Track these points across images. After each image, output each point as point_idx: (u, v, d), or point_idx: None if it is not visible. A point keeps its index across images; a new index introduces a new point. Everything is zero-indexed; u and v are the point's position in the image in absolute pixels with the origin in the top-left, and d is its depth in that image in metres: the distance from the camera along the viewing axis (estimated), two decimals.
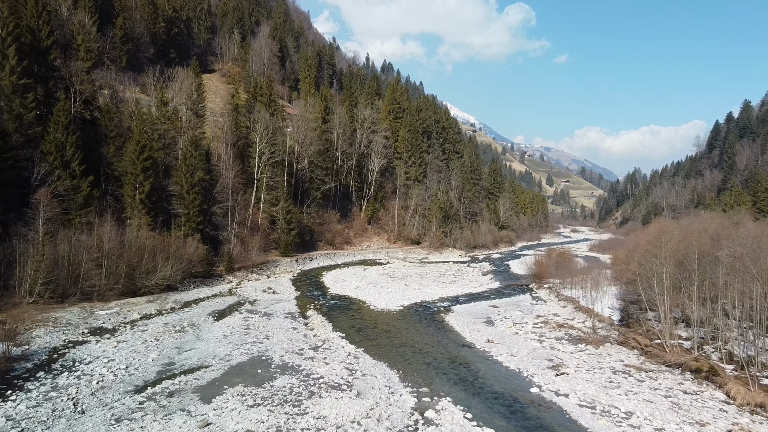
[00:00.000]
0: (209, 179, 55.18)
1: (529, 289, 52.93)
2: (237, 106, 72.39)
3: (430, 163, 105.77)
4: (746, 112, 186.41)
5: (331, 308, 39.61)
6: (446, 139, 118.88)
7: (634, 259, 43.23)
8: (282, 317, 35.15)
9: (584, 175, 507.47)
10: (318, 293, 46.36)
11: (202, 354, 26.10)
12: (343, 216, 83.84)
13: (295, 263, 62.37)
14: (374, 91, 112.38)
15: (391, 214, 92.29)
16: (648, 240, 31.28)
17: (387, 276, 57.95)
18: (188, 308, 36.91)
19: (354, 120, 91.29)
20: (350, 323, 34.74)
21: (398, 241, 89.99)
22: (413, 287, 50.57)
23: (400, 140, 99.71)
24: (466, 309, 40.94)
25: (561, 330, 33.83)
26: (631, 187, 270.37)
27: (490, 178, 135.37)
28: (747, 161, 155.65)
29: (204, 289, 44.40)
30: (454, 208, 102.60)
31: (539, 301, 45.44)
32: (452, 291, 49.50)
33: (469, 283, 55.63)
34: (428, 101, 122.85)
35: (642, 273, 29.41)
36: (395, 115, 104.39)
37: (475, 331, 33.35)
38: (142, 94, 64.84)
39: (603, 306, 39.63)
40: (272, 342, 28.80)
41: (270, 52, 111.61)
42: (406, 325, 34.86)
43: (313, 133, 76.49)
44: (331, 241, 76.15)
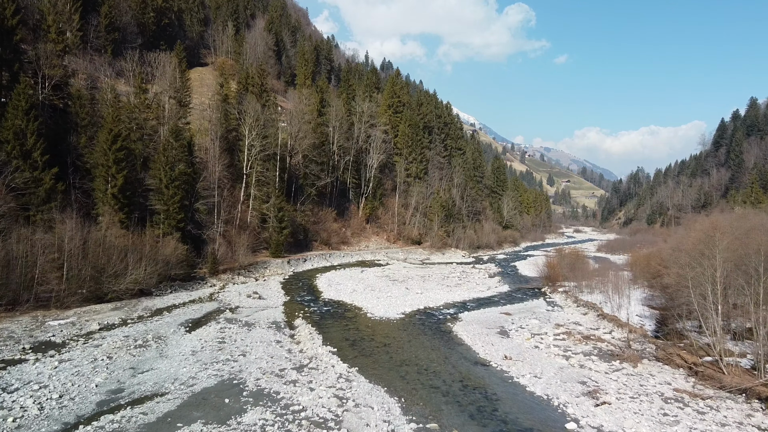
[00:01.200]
0: (192, 173, 50.48)
1: (542, 293, 48.27)
2: (226, 97, 67.76)
3: (432, 160, 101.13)
4: (753, 109, 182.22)
5: (322, 316, 34.91)
6: (448, 135, 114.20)
7: (660, 261, 38.67)
8: (265, 328, 30.44)
9: (585, 175, 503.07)
10: (309, 298, 41.66)
11: (161, 376, 21.41)
12: (339, 214, 79.14)
13: (286, 264, 57.65)
14: (373, 84, 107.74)
15: (391, 213, 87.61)
16: (696, 238, 26.63)
17: (386, 278, 53.26)
18: (159, 317, 32.20)
19: (351, 113, 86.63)
20: (343, 335, 30.04)
21: (398, 241, 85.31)
22: (415, 291, 45.89)
23: (400, 135, 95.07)
24: (476, 317, 36.24)
25: (588, 343, 29.15)
26: (634, 187, 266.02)
27: (493, 175, 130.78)
28: (756, 159, 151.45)
29: (182, 294, 39.68)
30: (457, 206, 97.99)
31: (556, 308, 40.75)
32: (458, 295, 44.82)
33: (476, 286, 50.93)
34: (429, 96, 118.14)
35: (686, 276, 24.72)
36: (395, 109, 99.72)
37: (489, 344, 28.66)
38: (121, 79, 60.12)
39: (630, 313, 34.91)
40: (249, 360, 24.09)
41: (265, 45, 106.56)
42: (409, 336, 30.16)
43: (307, 126, 71.78)
44: (326, 241, 71.47)
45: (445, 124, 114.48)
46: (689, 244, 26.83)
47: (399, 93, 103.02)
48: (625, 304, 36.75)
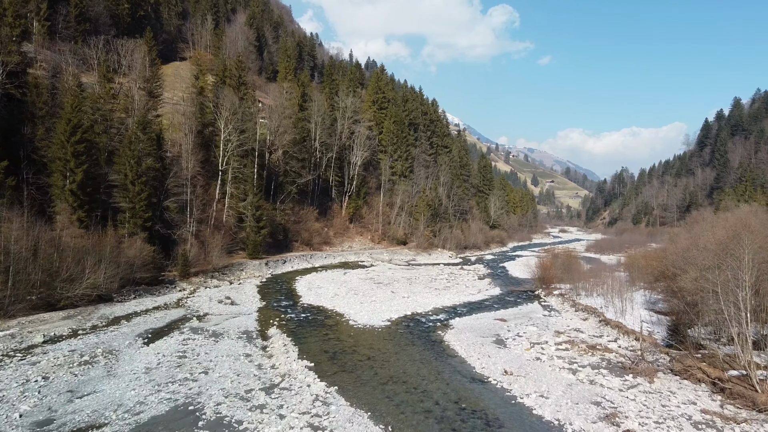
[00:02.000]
0: (161, 168, 46.88)
1: (537, 296, 45.48)
2: (202, 90, 64.07)
3: (417, 158, 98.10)
4: (737, 109, 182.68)
5: (300, 324, 31.62)
6: (434, 133, 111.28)
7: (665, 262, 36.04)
8: (234, 338, 27.10)
9: (569, 176, 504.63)
10: (287, 304, 38.33)
11: (103, 402, 18.04)
12: (321, 213, 75.80)
13: (264, 266, 54.20)
14: (357, 80, 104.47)
15: (375, 212, 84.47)
16: (720, 237, 23.88)
17: (370, 281, 50.08)
18: (115, 326, 28.70)
19: (335, 109, 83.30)
20: (322, 346, 26.80)
21: (383, 241, 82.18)
22: (401, 295, 42.78)
23: (384, 132, 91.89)
24: (468, 323, 33.22)
25: (594, 354, 26.27)
26: (618, 187, 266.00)
27: (480, 174, 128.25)
28: (741, 159, 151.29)
29: (146, 300, 36.14)
30: (443, 205, 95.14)
31: (553, 312, 37.90)
32: (447, 299, 41.80)
33: (466, 289, 47.98)
34: (414, 92, 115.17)
35: (713, 280, 21.91)
36: (379, 105, 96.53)
37: (485, 355, 25.63)
38: (89, 71, 56.13)
39: (634, 319, 32.26)
40: (211, 378, 20.79)
41: (246, 40, 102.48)
42: (395, 348, 27.01)
43: (288, 121, 68.34)
44: (307, 241, 68.09)
45: (431, 122, 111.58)
46: (713, 244, 24.06)
47: (384, 89, 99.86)
48: (629, 308, 34.14)
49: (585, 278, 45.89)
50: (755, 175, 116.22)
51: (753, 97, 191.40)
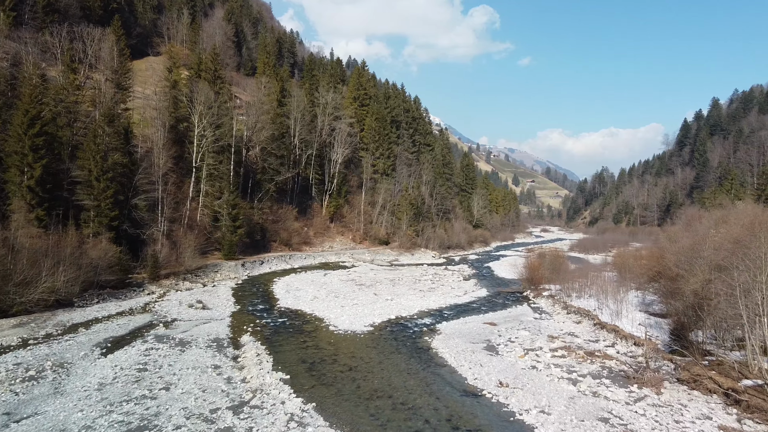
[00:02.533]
0: (129, 164, 44.12)
1: (525, 297, 43.73)
2: (175, 83, 61.24)
3: (400, 156, 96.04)
4: (715, 109, 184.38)
5: (276, 331, 29.30)
6: (416, 130, 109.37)
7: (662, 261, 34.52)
8: (203, 348, 24.71)
9: (549, 175, 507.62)
10: (263, 307, 35.95)
11: (44, 426, 15.61)
12: (301, 212, 73.36)
13: (240, 268, 51.66)
14: (338, 76, 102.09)
15: (357, 211, 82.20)
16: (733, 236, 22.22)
17: (352, 283, 47.87)
18: (72, 335, 26.09)
19: (315, 105, 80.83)
20: (300, 355, 24.54)
21: (365, 241, 79.99)
22: (384, 297, 40.66)
23: (366, 129, 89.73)
24: (456, 328, 31.23)
25: (593, 361, 24.43)
26: (599, 187, 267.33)
27: (463, 173, 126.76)
28: (720, 159, 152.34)
29: (110, 305, 33.48)
30: (426, 204, 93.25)
31: (544, 315, 36.11)
32: (433, 302, 39.79)
33: (451, 290, 46.05)
34: (396, 89, 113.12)
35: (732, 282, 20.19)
36: (361, 102, 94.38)
37: (477, 364, 23.62)
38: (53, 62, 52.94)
39: (630, 321, 30.59)
40: (172, 396, 18.44)
41: (224, 35, 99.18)
42: (379, 356, 24.87)
43: (266, 117, 65.82)
44: (286, 241, 65.61)
45: (413, 119, 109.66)
46: (729, 242, 22.38)
47: (365, 85, 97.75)
48: (623, 310, 32.49)
49: (574, 279, 44.34)
50: (734, 174, 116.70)
51: (731, 98, 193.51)
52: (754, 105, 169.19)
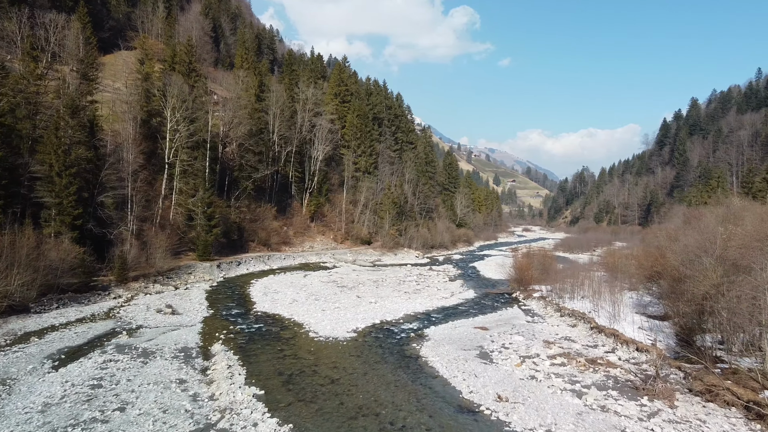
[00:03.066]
0: (95, 159, 41.31)
1: (515, 299, 41.94)
2: (148, 75, 58.31)
3: (382, 154, 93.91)
4: (694, 109, 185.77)
5: (251, 338, 26.94)
6: (398, 128, 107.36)
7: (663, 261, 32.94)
8: (168, 358, 22.31)
9: (530, 175, 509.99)
10: (238, 312, 33.54)
11: None
12: (280, 211, 70.83)
13: (215, 269, 49.05)
14: (318, 71, 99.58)
15: (338, 210, 79.89)
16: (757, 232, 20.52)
17: (333, 284, 45.61)
18: (22, 345, 23.45)
19: (294, 100, 78.32)
20: (276, 367, 22.26)
21: (346, 241, 77.72)
22: (368, 300, 38.50)
23: (347, 126, 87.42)
24: (446, 333, 29.19)
25: (596, 370, 22.57)
26: (580, 186, 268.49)
27: (445, 172, 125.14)
28: (700, 158, 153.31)
29: (70, 311, 30.80)
30: (409, 203, 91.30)
31: (536, 318, 34.29)
32: (419, 304, 37.73)
33: (437, 292, 44.07)
34: (378, 86, 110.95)
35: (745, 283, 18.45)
36: (342, 98, 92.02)
37: (471, 374, 21.61)
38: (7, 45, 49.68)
39: (628, 325, 28.88)
40: (127, 418, 16.07)
41: (201, 30, 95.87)
42: (364, 366, 22.70)
43: (243, 112, 63.17)
44: (265, 241, 63.05)
45: (395, 117, 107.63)
46: (753, 241, 20.66)
47: (346, 81, 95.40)
48: (620, 312, 30.78)
49: (564, 279, 42.66)
50: (720, 173, 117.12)
51: (709, 98, 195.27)
52: (733, 105, 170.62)
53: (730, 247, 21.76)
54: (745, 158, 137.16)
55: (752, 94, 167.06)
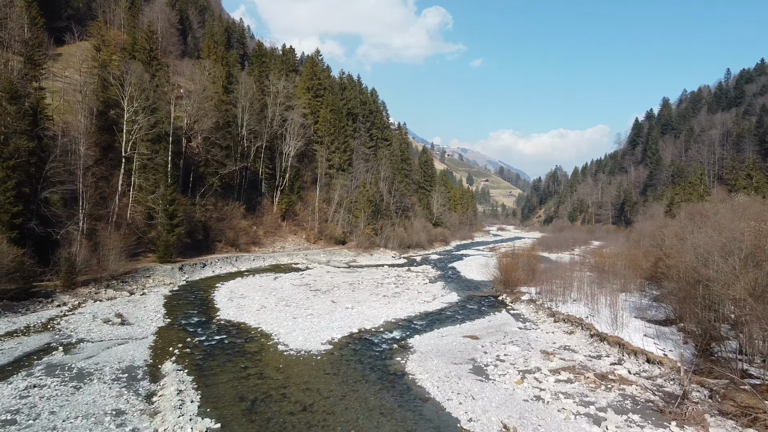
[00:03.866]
0: (38, 150, 37.05)
1: (502, 302, 39.12)
2: (105, 63, 53.92)
3: (356, 150, 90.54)
4: (666, 109, 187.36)
5: (210, 353, 23.39)
6: (373, 124, 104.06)
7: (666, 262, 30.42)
8: (108, 382, 18.69)
9: (502, 175, 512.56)
10: (198, 320, 29.89)
11: None
12: (250, 210, 66.96)
13: (177, 272, 45.10)
14: (290, 65, 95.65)
15: (311, 209, 76.31)
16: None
17: (306, 288, 42.14)
18: None
19: (265, 93, 74.46)
20: (237, 390, 18.83)
21: (319, 241, 74.20)
22: (344, 305, 35.18)
23: (320, 121, 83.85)
24: (432, 344, 26.08)
25: (609, 387, 19.72)
26: (553, 185, 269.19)
27: (421, 170, 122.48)
28: (672, 157, 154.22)
29: (0, 322, 26.70)
30: (385, 201, 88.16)
31: (528, 324, 31.46)
32: (400, 309, 34.58)
33: (418, 295, 40.99)
34: (352, 81, 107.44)
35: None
36: (315, 92, 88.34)
37: (467, 395, 18.54)
38: None
39: (632, 331, 26.23)
40: None
41: (168, 22, 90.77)
42: (342, 388, 19.42)
43: (210, 103, 59.16)
44: (233, 242, 59.13)
45: (370, 112, 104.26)
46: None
47: (319, 75, 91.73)
48: (621, 318, 28.13)
49: (552, 280, 40.06)
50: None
51: (680, 98, 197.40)
52: (703, 105, 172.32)
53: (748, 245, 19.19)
54: (716, 157, 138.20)
55: (722, 94, 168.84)
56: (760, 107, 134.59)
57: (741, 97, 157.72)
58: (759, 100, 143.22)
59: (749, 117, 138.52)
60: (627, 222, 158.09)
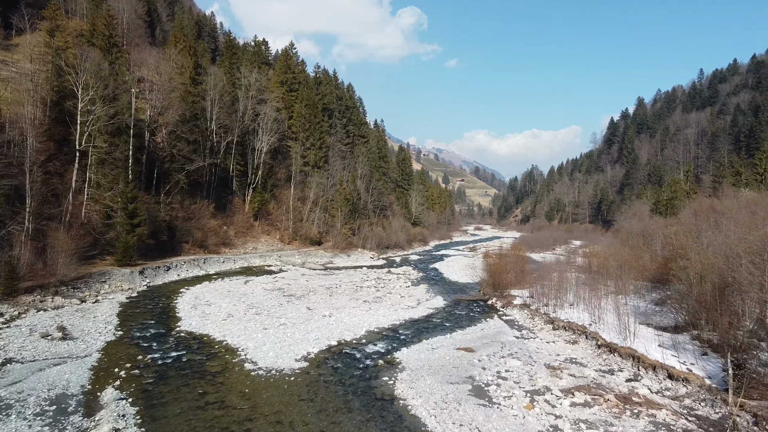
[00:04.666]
0: None
1: (492, 307, 36.24)
2: (59, 50, 49.55)
3: (333, 147, 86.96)
4: (641, 108, 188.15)
5: (162, 375, 19.84)
6: (350, 120, 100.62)
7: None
8: (29, 417, 15.07)
9: (478, 175, 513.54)
10: (155, 333, 26.23)
11: None
12: (220, 209, 63.04)
13: (138, 276, 41.15)
14: (262, 58, 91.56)
15: (285, 207, 72.65)
16: None
17: (279, 293, 38.65)
18: None
19: (236, 86, 70.56)
20: (192, 425, 15.39)
21: (294, 241, 70.57)
22: (321, 312, 31.86)
23: (295, 116, 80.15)
24: (422, 358, 22.91)
25: (636, 412, 16.84)
26: (530, 185, 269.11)
27: (399, 168, 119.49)
28: (649, 156, 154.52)
29: None
30: (362, 200, 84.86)
31: (525, 332, 28.57)
32: (383, 317, 31.39)
33: (401, 300, 37.86)
34: (328, 75, 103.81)
35: None
36: (289, 86, 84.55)
37: (470, 428, 15.42)
38: None
39: (649, 342, 23.48)
40: None
41: (134, 13, 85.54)
42: (320, 420, 16.10)
43: (176, 94, 55.16)
44: (201, 243, 55.21)
45: (347, 108, 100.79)
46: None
47: (294, 69, 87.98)
48: (629, 325, 25.37)
49: (542, 283, 37.40)
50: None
51: (654, 97, 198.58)
52: (678, 105, 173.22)
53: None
54: (692, 156, 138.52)
55: (696, 93, 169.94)
56: (735, 106, 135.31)
57: (715, 97, 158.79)
58: (733, 100, 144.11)
59: (724, 116, 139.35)
60: (604, 221, 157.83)
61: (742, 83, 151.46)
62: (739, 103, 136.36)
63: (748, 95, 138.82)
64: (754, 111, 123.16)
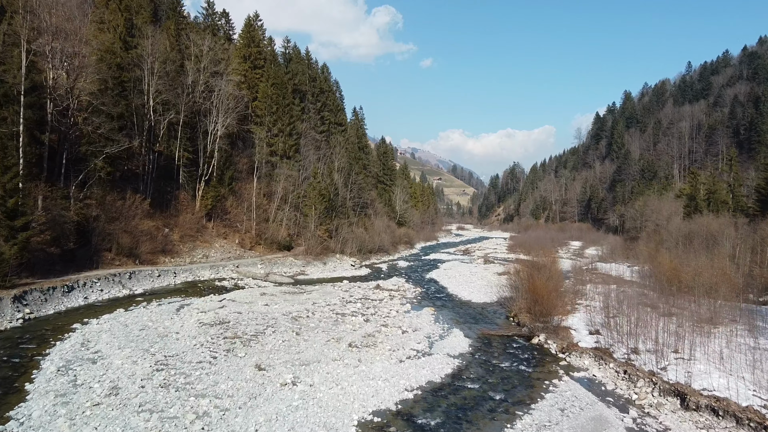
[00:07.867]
0: None
1: (542, 349, 23.95)
2: None
3: (305, 135, 73.89)
4: (629, 102, 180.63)
5: None
6: (325, 105, 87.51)
7: None
8: None
9: (455, 173, 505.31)
10: None
11: None
12: (159, 206, 49.68)
13: (10, 305, 27.69)
14: (224, 31, 77.53)
15: (247, 205, 59.46)
16: None
17: (219, 330, 25.62)
18: None
19: (184, 56, 57.25)
20: None
21: (258, 246, 57.50)
22: (280, 377, 19.08)
23: (260, 98, 67.04)
24: None
25: None
26: (512, 183, 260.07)
27: (380, 162, 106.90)
28: (641, 151, 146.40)
29: None
30: (341, 196, 72.12)
31: (634, 412, 16.29)
32: (384, 383, 18.81)
33: (405, 339, 25.27)
34: (299, 53, 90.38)
35: None
36: (253, 62, 71.39)
37: None
38: None
39: None
40: None
41: None
42: None
43: (92, 51, 41.74)
44: (130, 250, 41.86)
45: (321, 91, 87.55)
46: None
47: (259, 42, 74.73)
48: None
49: (589, 302, 25.44)
50: (657, 167, 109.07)
51: (642, 91, 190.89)
52: (668, 98, 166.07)
53: None
54: (687, 150, 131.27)
55: (686, 86, 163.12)
56: (732, 98, 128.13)
57: (708, 89, 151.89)
58: (729, 92, 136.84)
59: (720, 108, 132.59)
60: (595, 219, 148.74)
61: (737, 75, 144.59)
62: (737, 95, 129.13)
63: (745, 87, 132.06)
64: (754, 102, 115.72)
